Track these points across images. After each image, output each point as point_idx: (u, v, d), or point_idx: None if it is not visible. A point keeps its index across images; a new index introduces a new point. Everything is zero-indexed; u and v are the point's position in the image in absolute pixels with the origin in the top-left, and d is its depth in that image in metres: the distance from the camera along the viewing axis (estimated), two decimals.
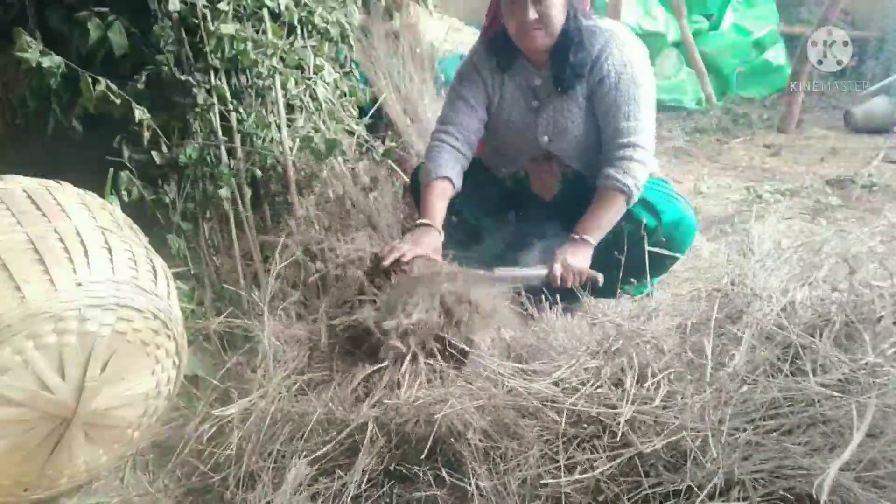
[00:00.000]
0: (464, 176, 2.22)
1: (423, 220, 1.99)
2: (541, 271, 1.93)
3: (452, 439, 1.39)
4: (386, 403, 1.51)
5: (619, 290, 2.02)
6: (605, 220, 1.97)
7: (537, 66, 2.07)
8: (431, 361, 1.63)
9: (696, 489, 1.18)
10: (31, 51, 2.01)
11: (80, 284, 1.42)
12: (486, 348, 1.64)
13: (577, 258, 1.90)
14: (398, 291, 1.72)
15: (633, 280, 1.98)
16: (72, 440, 1.51)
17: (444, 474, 1.38)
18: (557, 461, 1.32)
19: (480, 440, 1.38)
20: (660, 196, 2.04)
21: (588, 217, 1.97)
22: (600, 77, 1.98)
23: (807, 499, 1.14)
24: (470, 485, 1.32)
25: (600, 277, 1.90)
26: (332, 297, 1.94)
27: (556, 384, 1.45)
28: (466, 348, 1.61)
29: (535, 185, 2.20)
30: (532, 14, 1.90)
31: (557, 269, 1.88)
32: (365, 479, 1.42)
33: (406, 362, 1.62)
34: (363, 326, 1.68)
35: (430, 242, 1.91)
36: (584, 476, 1.27)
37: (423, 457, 1.40)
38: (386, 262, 1.80)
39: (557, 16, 1.93)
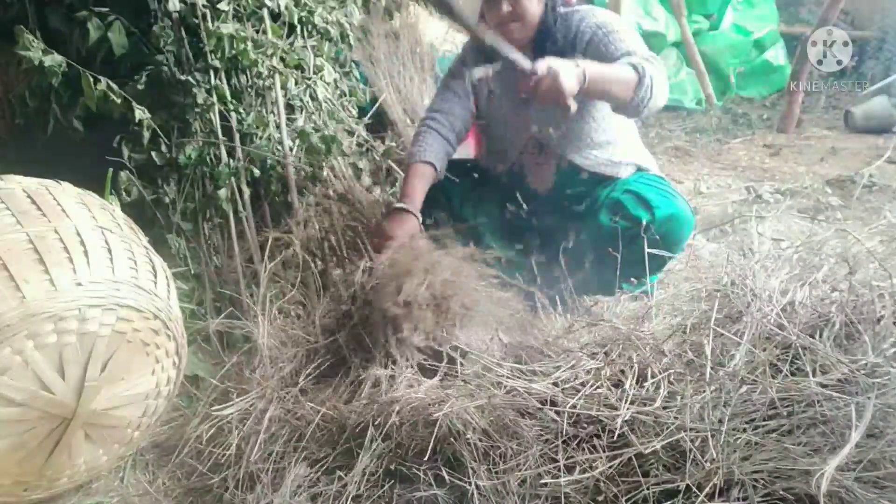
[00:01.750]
0: (461, 177, 2.23)
1: (400, 205, 2.00)
2: (525, 62, 1.80)
3: (452, 439, 1.39)
4: (384, 402, 1.51)
5: (618, 289, 2.03)
6: (609, 72, 1.81)
7: None
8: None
9: (695, 489, 1.18)
10: (34, 49, 2.01)
11: (80, 284, 1.42)
12: (485, 349, 1.64)
13: (566, 72, 1.72)
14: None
15: (633, 280, 1.98)
16: (72, 440, 1.51)
17: (444, 474, 1.38)
18: (557, 461, 1.32)
19: (480, 440, 1.38)
20: (654, 191, 2.04)
21: (595, 63, 1.82)
22: (587, 40, 1.99)
23: (806, 499, 1.14)
24: (470, 484, 1.32)
25: (573, 106, 1.74)
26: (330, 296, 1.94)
27: (555, 384, 1.45)
28: (466, 349, 1.61)
29: (530, 179, 2.21)
30: (506, 7, 1.95)
31: (542, 66, 1.71)
32: (365, 480, 1.42)
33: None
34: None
35: (407, 229, 1.94)
36: (584, 476, 1.27)
37: (423, 457, 1.40)
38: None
39: (532, 8, 1.97)
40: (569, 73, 1.71)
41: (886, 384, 1.26)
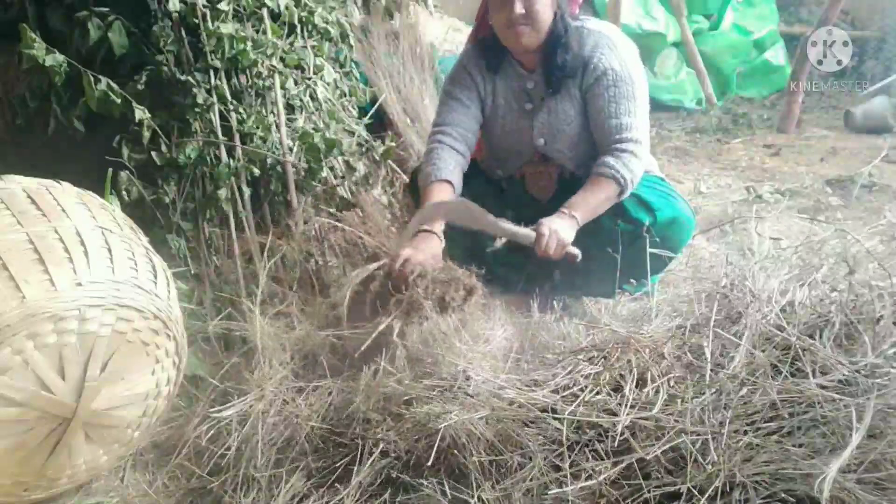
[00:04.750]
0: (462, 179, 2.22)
1: (426, 227, 1.92)
2: (530, 233, 1.90)
3: (455, 451, 1.38)
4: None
5: (618, 291, 2.03)
6: (595, 203, 1.95)
7: (528, 69, 2.07)
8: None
9: (696, 493, 1.18)
10: (37, 48, 2.01)
11: (80, 284, 1.42)
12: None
13: (564, 231, 1.87)
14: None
15: (632, 280, 1.98)
16: (72, 440, 1.51)
17: (447, 486, 1.37)
18: (559, 468, 1.31)
19: (484, 451, 1.37)
20: (656, 194, 2.04)
21: (579, 197, 1.94)
22: (596, 76, 1.97)
23: (808, 500, 1.14)
24: (472, 497, 1.31)
25: (579, 255, 1.90)
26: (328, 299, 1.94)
27: (555, 391, 1.45)
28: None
29: (531, 188, 2.20)
30: (519, 9, 1.90)
31: (545, 230, 1.85)
32: (364, 490, 1.41)
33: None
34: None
35: (429, 249, 1.86)
36: (586, 483, 1.26)
37: (424, 468, 1.39)
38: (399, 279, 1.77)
39: (544, 13, 1.93)
40: (566, 229, 1.88)
41: (886, 385, 1.26)
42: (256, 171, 2.40)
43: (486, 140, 2.24)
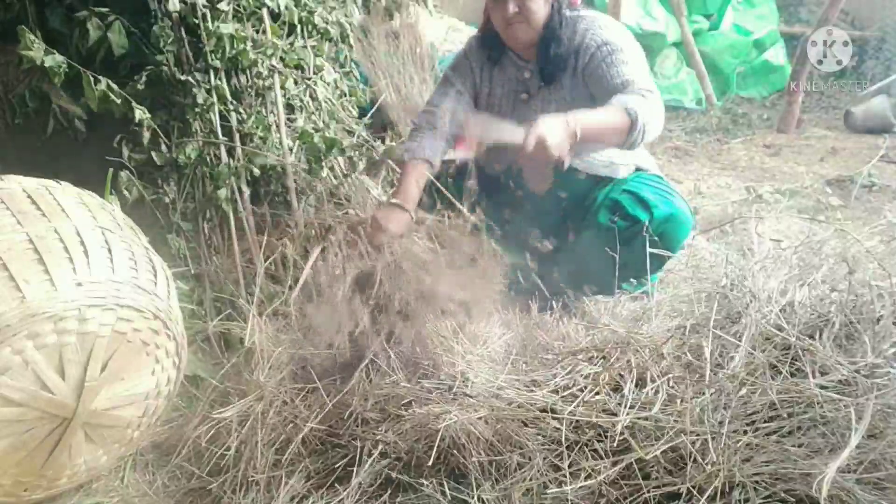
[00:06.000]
0: (460, 175, 2.23)
1: (395, 200, 2.02)
2: (517, 135, 1.76)
3: (455, 451, 1.38)
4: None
5: (617, 290, 2.03)
6: (600, 122, 1.80)
7: (526, 60, 2.10)
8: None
9: (696, 493, 1.18)
10: (35, 49, 2.01)
11: (80, 284, 1.42)
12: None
13: (553, 134, 1.71)
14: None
15: (632, 280, 1.98)
16: (72, 440, 1.51)
17: (447, 485, 1.37)
18: (558, 468, 1.31)
19: (483, 452, 1.37)
20: (653, 191, 2.04)
21: (588, 112, 1.81)
22: (590, 55, 1.99)
23: (807, 500, 1.14)
24: (472, 496, 1.31)
25: (566, 161, 1.75)
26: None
27: (554, 391, 1.45)
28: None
29: (528, 180, 2.20)
30: (512, 8, 1.95)
31: (532, 139, 1.70)
32: (364, 490, 1.41)
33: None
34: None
35: (397, 225, 1.95)
36: (586, 483, 1.26)
37: (424, 468, 1.39)
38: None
39: (538, 10, 1.97)
40: (557, 133, 1.71)
41: (886, 385, 1.26)
42: (256, 171, 2.40)
43: None
